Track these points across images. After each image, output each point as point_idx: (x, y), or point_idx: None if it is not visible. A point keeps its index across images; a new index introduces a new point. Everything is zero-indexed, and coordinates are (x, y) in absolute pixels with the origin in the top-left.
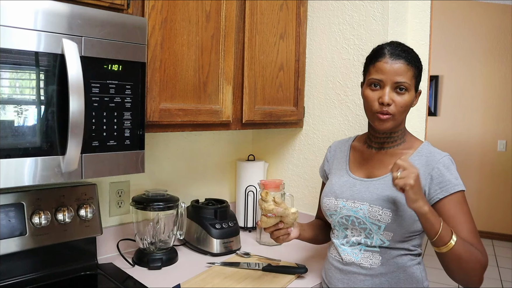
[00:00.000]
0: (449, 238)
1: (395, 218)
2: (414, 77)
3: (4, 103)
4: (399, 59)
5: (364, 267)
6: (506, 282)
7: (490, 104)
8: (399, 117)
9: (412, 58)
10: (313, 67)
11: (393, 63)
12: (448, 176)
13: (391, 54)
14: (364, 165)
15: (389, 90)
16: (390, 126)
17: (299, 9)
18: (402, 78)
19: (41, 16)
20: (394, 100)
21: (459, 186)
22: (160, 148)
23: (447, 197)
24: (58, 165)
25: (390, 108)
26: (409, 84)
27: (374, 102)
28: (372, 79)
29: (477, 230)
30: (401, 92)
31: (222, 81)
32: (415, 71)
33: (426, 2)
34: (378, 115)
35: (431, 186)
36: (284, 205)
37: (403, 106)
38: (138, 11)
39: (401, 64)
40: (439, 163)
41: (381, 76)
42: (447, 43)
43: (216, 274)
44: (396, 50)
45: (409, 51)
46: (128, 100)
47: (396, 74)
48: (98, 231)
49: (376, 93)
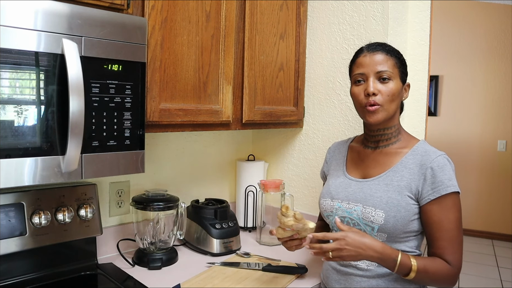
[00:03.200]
0: (409, 270)
1: (388, 219)
2: (396, 66)
3: (4, 103)
4: (377, 50)
5: (360, 268)
6: (506, 282)
7: (490, 104)
8: (388, 107)
9: (390, 49)
10: (313, 67)
11: (371, 55)
12: (441, 176)
13: (368, 47)
14: (360, 165)
15: (372, 80)
16: (381, 118)
17: (299, 9)
18: (383, 66)
19: (41, 16)
20: (379, 90)
21: (452, 188)
22: (160, 148)
23: (436, 199)
24: (58, 165)
25: (377, 98)
26: (391, 72)
27: (360, 96)
28: (355, 75)
29: (460, 238)
30: (385, 81)
31: (222, 81)
32: (396, 60)
33: (426, 2)
34: (367, 107)
35: (424, 187)
36: (303, 221)
37: (390, 95)
38: (138, 11)
39: (380, 54)
40: (433, 163)
41: (362, 70)
42: (447, 43)
43: (216, 274)
44: (373, 45)
45: (387, 45)
46: (128, 100)
47: (376, 64)
48: (98, 231)
49: (361, 87)
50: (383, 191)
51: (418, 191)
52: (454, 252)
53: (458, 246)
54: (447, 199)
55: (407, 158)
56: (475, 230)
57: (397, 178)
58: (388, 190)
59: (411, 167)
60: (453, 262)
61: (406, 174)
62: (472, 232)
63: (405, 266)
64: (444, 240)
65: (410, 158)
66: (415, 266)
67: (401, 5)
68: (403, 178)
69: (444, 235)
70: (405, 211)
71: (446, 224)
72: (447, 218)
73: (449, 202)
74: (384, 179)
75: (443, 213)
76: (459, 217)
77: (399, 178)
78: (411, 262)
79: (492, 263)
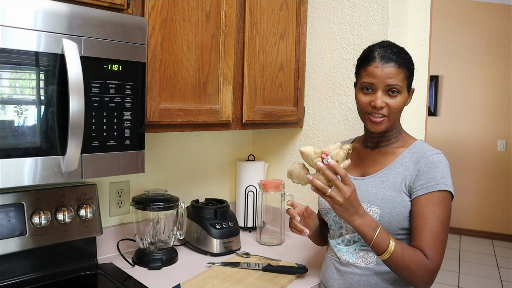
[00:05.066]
0: (386, 247)
1: (383, 215)
2: (405, 78)
3: (4, 103)
4: (389, 62)
5: (359, 267)
6: (506, 282)
7: (490, 104)
8: (393, 119)
9: (402, 60)
10: (313, 67)
11: (383, 67)
12: (434, 173)
13: (381, 58)
14: (359, 164)
15: (381, 93)
16: (384, 128)
17: (299, 9)
18: (394, 80)
19: (41, 16)
20: (387, 103)
21: (443, 186)
22: (160, 148)
23: (425, 195)
24: (58, 165)
25: (383, 111)
26: (400, 86)
27: (366, 106)
28: (364, 83)
29: (443, 237)
30: (393, 94)
31: (222, 81)
32: (406, 72)
33: (426, 2)
34: (370, 117)
35: (416, 182)
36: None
37: (396, 108)
38: (138, 11)
39: (392, 68)
40: (427, 159)
41: (372, 80)
42: (447, 43)
43: (216, 274)
44: (387, 52)
45: (400, 52)
46: (128, 100)
47: (387, 77)
48: (98, 231)
49: (368, 97)
50: (379, 187)
51: (410, 186)
52: (434, 248)
53: (440, 244)
54: (437, 195)
55: (404, 156)
56: (475, 230)
57: (393, 175)
58: (383, 187)
59: (407, 164)
60: (432, 257)
61: (401, 171)
62: (472, 232)
63: (385, 240)
64: (427, 234)
65: (407, 156)
66: (394, 245)
67: (401, 5)
68: (399, 175)
69: (427, 229)
70: (401, 207)
71: (431, 219)
72: (433, 213)
73: (438, 198)
74: (381, 176)
75: (430, 207)
76: (445, 216)
77: (395, 175)
78: (390, 242)
79: (492, 263)
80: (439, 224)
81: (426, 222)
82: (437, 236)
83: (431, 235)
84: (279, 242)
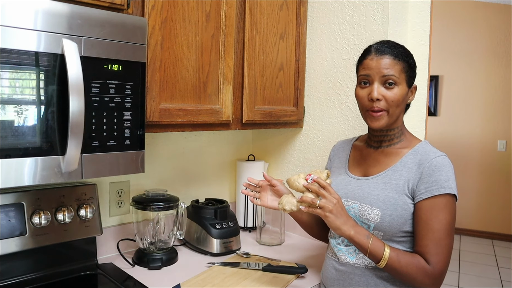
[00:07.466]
0: (381, 254)
1: (383, 217)
2: (403, 71)
3: (4, 103)
4: (384, 54)
5: (358, 268)
6: (506, 282)
7: (490, 104)
8: (393, 113)
9: (399, 53)
10: (313, 67)
11: (378, 59)
12: (437, 176)
13: (376, 50)
14: (362, 164)
15: (377, 85)
16: (383, 124)
17: (299, 9)
18: (389, 71)
19: (41, 16)
20: (384, 95)
21: (446, 189)
22: (160, 148)
23: (429, 199)
24: (58, 165)
25: (381, 104)
26: (397, 77)
27: (364, 99)
28: (361, 76)
29: (447, 242)
30: (390, 86)
31: (222, 81)
32: (404, 65)
33: (426, 2)
34: (370, 112)
35: (419, 185)
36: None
37: (394, 101)
38: (138, 11)
39: (387, 59)
40: (430, 162)
41: (367, 72)
42: (447, 43)
43: (216, 274)
44: (382, 46)
45: (397, 46)
46: (128, 100)
47: (382, 68)
48: (98, 231)
49: (366, 90)
50: (381, 189)
51: (413, 189)
52: (437, 253)
53: (443, 249)
54: (440, 199)
55: (407, 157)
56: (475, 230)
57: (395, 177)
58: (385, 188)
59: (410, 166)
60: (434, 263)
61: (404, 173)
62: (472, 232)
63: (379, 249)
64: (429, 239)
65: (410, 158)
66: (387, 253)
67: (401, 5)
68: (401, 177)
69: (429, 235)
70: (402, 210)
71: (434, 224)
72: (436, 218)
73: (441, 203)
74: (383, 177)
75: (433, 212)
76: (450, 220)
77: (397, 177)
78: (384, 249)
79: (492, 263)
80: (441, 229)
81: (428, 227)
82: (440, 241)
83: (433, 241)
84: (279, 242)
